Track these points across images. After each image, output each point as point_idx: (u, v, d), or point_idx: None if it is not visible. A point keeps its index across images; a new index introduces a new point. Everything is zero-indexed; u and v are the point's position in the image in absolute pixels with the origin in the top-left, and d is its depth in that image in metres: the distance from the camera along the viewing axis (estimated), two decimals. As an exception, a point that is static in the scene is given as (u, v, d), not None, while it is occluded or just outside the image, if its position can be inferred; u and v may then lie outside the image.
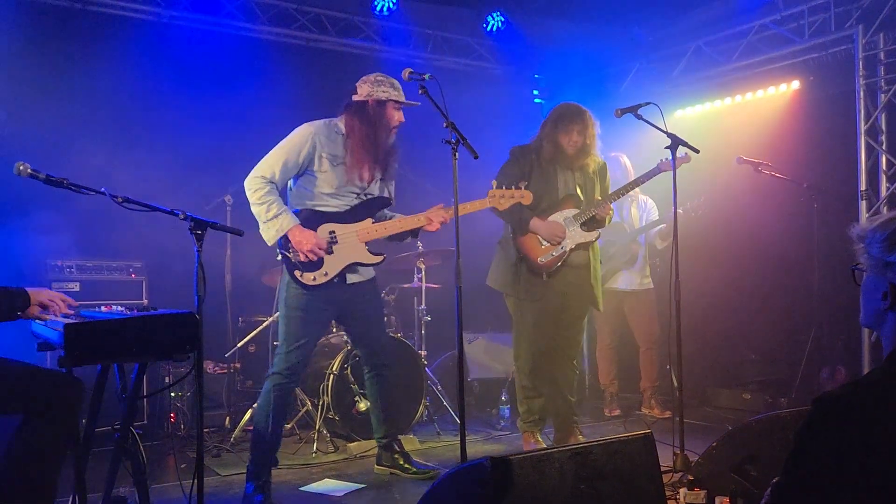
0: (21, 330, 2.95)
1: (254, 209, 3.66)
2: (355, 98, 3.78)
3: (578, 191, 4.30)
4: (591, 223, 4.28)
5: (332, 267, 3.70)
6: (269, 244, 3.68)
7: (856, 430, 1.38)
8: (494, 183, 3.92)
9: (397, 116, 3.80)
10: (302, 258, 3.62)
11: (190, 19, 5.67)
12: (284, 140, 3.73)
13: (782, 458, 1.46)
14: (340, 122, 3.80)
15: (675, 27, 6.36)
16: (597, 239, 4.34)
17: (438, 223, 3.83)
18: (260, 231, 3.66)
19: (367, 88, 3.77)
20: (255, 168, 3.68)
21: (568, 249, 4.23)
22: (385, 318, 5.02)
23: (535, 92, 7.49)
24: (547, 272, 4.22)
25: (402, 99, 3.79)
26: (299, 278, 3.66)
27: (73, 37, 5.33)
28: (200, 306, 2.72)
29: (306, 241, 3.60)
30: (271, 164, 3.68)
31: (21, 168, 2.69)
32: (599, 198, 4.34)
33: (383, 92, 3.74)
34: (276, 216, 3.60)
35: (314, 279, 3.67)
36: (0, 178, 3.35)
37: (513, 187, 3.89)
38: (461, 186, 3.29)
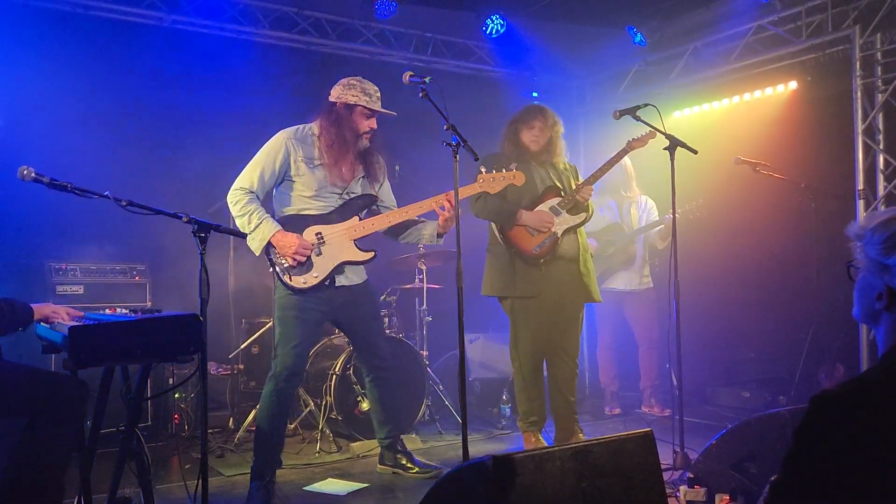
0: (26, 332, 2.97)
1: (237, 222, 3.68)
2: (329, 99, 3.80)
3: (556, 182, 4.34)
4: (576, 208, 4.31)
5: (321, 269, 3.71)
6: (257, 254, 3.70)
7: (855, 429, 1.38)
8: (483, 168, 3.86)
9: (366, 123, 3.76)
10: (289, 262, 3.64)
11: (192, 24, 5.69)
12: (260, 150, 3.76)
13: (781, 456, 1.46)
14: (315, 125, 3.82)
15: (672, 29, 6.38)
16: (583, 223, 4.36)
17: (441, 206, 3.73)
18: (247, 243, 3.68)
19: (338, 91, 3.78)
20: (235, 181, 3.71)
21: (560, 234, 4.25)
22: (384, 320, 5.05)
23: (535, 94, 7.51)
24: (543, 260, 4.24)
25: (374, 106, 3.74)
26: (290, 283, 3.67)
27: (75, 41, 5.35)
28: (204, 308, 2.75)
29: (289, 245, 3.60)
30: (249, 174, 3.70)
31: (25, 172, 2.72)
32: (579, 182, 4.35)
33: (352, 97, 3.73)
34: (257, 226, 3.61)
35: (304, 282, 3.68)
36: (3, 182, 3.38)
37: (503, 169, 3.87)
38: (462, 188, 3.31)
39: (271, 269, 3.76)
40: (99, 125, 5.24)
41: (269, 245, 3.65)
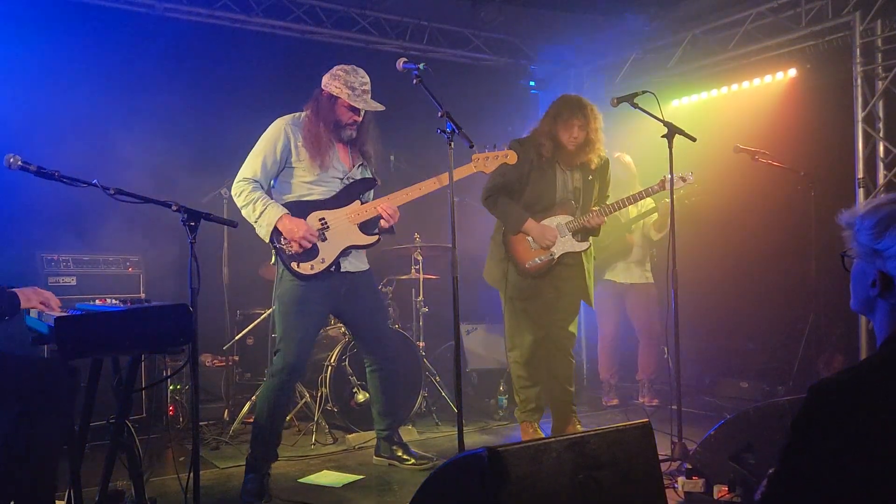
0: (16, 322, 2.93)
1: (243, 213, 3.64)
2: (321, 85, 3.75)
3: (577, 193, 4.27)
4: (584, 233, 4.24)
5: (328, 253, 3.67)
6: (266, 241, 3.66)
7: (853, 418, 1.36)
8: (476, 148, 3.84)
9: (349, 115, 3.69)
10: (295, 248, 3.59)
11: (184, 11, 5.63)
12: (259, 139, 3.72)
13: (780, 447, 1.45)
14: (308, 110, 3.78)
15: (671, 16, 6.32)
16: (584, 251, 4.28)
17: (386, 212, 3.71)
18: (256, 231, 3.65)
19: (326, 79, 3.73)
20: (238, 174, 3.68)
21: (556, 257, 4.20)
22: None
23: (532, 83, 7.46)
24: (532, 276, 4.20)
25: (355, 102, 3.65)
26: (297, 269, 3.63)
27: (66, 29, 5.29)
28: (195, 298, 2.71)
29: (297, 229, 3.56)
30: (251, 164, 3.67)
31: (11, 160, 2.68)
32: (596, 208, 4.27)
33: (336, 88, 3.66)
34: (262, 212, 3.58)
35: (312, 268, 3.64)
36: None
37: (496, 149, 3.82)
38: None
39: (273, 260, 3.71)
40: (89, 113, 5.17)
41: (275, 232, 3.60)
